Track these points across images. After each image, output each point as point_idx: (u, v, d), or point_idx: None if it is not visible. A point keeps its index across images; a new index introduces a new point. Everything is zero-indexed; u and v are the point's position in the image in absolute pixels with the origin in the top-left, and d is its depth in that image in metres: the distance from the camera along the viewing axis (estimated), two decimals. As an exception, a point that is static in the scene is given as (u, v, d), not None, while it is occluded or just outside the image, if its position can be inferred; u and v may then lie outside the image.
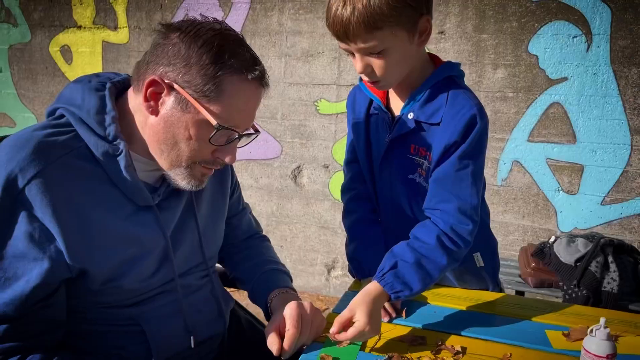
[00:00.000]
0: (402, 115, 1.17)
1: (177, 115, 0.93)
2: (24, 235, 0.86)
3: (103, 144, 0.92)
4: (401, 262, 1.07)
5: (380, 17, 1.00)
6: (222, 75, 0.90)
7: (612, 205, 2.45)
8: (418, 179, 1.21)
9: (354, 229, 1.32)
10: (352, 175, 1.36)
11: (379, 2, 0.99)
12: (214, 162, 1.00)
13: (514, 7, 2.46)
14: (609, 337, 0.88)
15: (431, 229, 1.11)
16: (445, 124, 1.12)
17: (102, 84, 0.98)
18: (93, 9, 3.31)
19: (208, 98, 0.91)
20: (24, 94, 3.63)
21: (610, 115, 2.39)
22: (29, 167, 0.85)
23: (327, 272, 3.10)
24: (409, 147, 1.19)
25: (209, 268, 1.16)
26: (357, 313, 1.00)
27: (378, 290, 1.04)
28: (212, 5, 3.01)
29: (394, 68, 1.09)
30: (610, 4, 2.32)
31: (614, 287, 2.04)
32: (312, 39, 2.86)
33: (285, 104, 2.98)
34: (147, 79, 0.91)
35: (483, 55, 2.54)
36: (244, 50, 0.94)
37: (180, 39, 0.91)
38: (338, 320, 1.00)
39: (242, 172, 3.15)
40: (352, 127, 1.32)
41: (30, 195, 0.85)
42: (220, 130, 0.93)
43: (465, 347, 1.03)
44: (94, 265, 0.92)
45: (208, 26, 0.92)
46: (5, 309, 0.86)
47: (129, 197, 0.96)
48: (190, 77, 0.90)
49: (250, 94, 0.96)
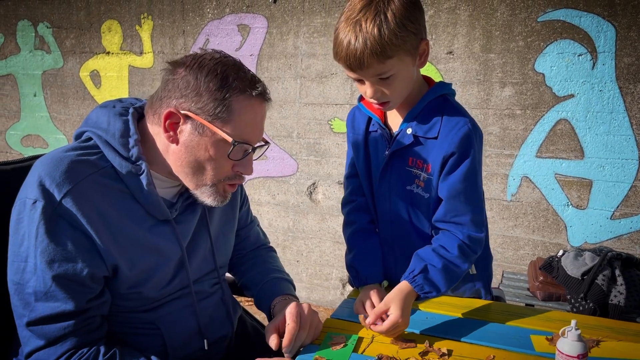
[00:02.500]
0: (401, 131, 1.27)
1: (196, 140, 1.04)
2: (70, 241, 0.97)
3: (127, 164, 1.04)
4: (430, 267, 1.21)
5: (390, 46, 1.11)
6: (229, 97, 1.02)
7: (621, 219, 2.48)
8: (416, 189, 1.30)
9: (353, 239, 1.41)
10: (352, 189, 1.45)
11: (388, 33, 1.10)
12: (236, 177, 1.11)
13: (520, 27, 2.53)
14: (579, 338, 0.94)
15: (453, 239, 1.25)
16: (442, 137, 1.23)
17: (125, 109, 1.11)
18: (120, 36, 3.51)
19: (221, 119, 1.02)
20: (56, 117, 3.84)
21: (617, 131, 2.42)
22: (64, 183, 0.97)
23: (342, 286, 3.17)
24: (407, 160, 1.29)
25: (220, 276, 1.26)
26: (392, 307, 1.13)
27: (409, 289, 1.18)
28: (231, 31, 3.16)
29: (401, 89, 1.21)
30: (614, 23, 2.37)
31: (621, 300, 2.07)
32: (326, 61, 2.98)
33: (300, 123, 3.10)
34: (164, 112, 1.03)
35: (491, 74, 2.62)
36: (244, 72, 1.06)
37: (187, 72, 1.02)
38: (374, 312, 1.14)
39: (259, 189, 3.26)
40: (352, 144, 1.42)
41: (68, 206, 0.96)
42: (237, 145, 1.04)
43: (452, 350, 1.10)
44: (123, 268, 1.03)
45: (209, 57, 1.04)
46: (64, 306, 0.97)
47: (150, 211, 1.07)
48: (202, 104, 1.02)
49: (257, 109, 1.07)
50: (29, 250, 0.97)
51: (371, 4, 1.12)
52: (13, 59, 3.90)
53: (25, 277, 0.97)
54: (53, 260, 0.96)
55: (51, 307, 0.97)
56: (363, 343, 1.13)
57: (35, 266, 0.96)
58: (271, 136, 3.17)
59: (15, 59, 3.90)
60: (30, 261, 0.97)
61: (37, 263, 0.96)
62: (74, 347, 0.99)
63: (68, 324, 0.98)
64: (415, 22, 1.14)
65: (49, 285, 0.96)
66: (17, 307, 0.99)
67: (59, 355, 0.97)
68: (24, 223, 0.98)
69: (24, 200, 0.98)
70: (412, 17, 1.13)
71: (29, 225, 0.97)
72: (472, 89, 2.65)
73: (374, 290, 1.26)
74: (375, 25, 1.10)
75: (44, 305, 0.97)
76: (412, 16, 1.13)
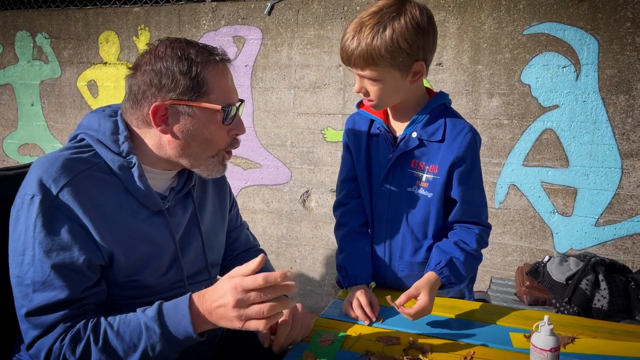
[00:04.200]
0: (406, 134, 1.36)
1: (190, 122, 1.12)
2: (67, 232, 1.03)
3: (119, 159, 1.10)
4: (455, 259, 1.34)
5: (378, 56, 1.22)
6: (200, 71, 1.10)
7: (605, 226, 2.54)
8: (417, 190, 1.39)
9: (344, 240, 1.47)
10: (347, 192, 1.51)
11: (379, 45, 1.21)
12: (234, 142, 1.20)
13: (507, 39, 2.62)
14: (552, 332, 1.00)
15: (471, 233, 1.39)
16: (449, 141, 1.34)
17: (114, 111, 1.18)
18: (118, 47, 3.57)
19: (202, 94, 1.11)
20: (53, 126, 3.89)
21: (601, 140, 2.50)
22: (60, 178, 1.03)
23: (335, 292, 3.21)
24: (410, 162, 1.38)
25: (212, 277, 1.31)
26: (422, 293, 1.24)
27: (435, 279, 1.30)
28: (226, 42, 3.23)
29: (385, 95, 1.31)
30: (596, 36, 2.46)
31: (604, 304, 2.12)
32: (319, 72, 3.05)
33: (294, 132, 3.16)
34: (149, 110, 1.10)
35: (479, 85, 2.69)
36: (199, 45, 1.14)
37: (151, 67, 1.10)
38: (406, 294, 1.23)
39: (253, 197, 3.32)
40: (352, 147, 1.48)
41: (64, 199, 1.02)
42: (226, 109, 1.12)
43: (434, 345, 1.15)
44: (119, 256, 1.08)
45: (162, 47, 1.12)
46: (60, 295, 1.02)
47: (143, 203, 1.13)
48: (181, 88, 1.09)
49: (225, 71, 1.16)
50: (26, 243, 1.02)
51: (381, 13, 1.22)
52: (11, 69, 3.96)
53: (23, 269, 1.03)
54: (50, 250, 1.01)
55: (48, 296, 1.01)
56: (350, 340, 1.18)
57: (33, 257, 1.02)
58: (265, 145, 3.23)
59: (13, 69, 3.95)
60: (28, 253, 1.02)
61: (35, 254, 1.01)
62: (66, 330, 1.03)
63: (63, 313, 1.02)
64: (413, 44, 1.23)
65: (47, 274, 1.01)
66: (18, 299, 1.04)
67: (53, 341, 1.02)
68: (22, 218, 1.03)
69: (22, 197, 1.04)
70: (410, 38, 1.22)
71: (26, 219, 1.02)
72: (460, 100, 2.72)
73: (361, 291, 1.32)
74: (371, 33, 1.21)
75: (41, 295, 1.01)
76: (411, 38, 1.22)
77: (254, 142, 3.25)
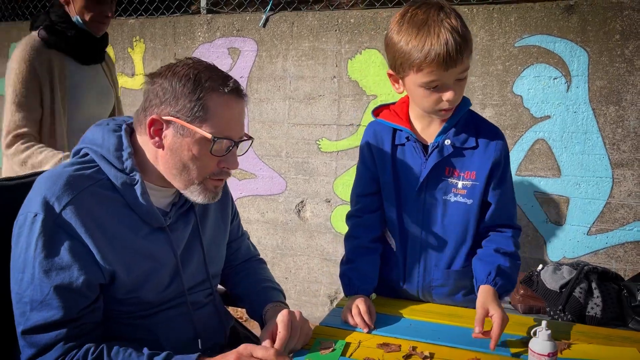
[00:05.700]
0: (438, 143, 1.36)
1: (179, 141, 1.11)
2: (67, 251, 1.03)
3: (122, 176, 1.11)
4: (503, 267, 1.34)
5: (470, 39, 1.25)
6: (203, 96, 1.09)
7: (597, 235, 2.58)
8: (454, 198, 1.38)
9: (353, 252, 1.47)
10: (363, 206, 1.48)
11: (463, 28, 1.22)
12: (222, 173, 1.17)
13: (499, 51, 2.66)
14: (549, 337, 1.02)
15: (507, 238, 1.40)
16: (484, 146, 1.36)
17: (118, 126, 1.19)
18: (113, 58, 3.58)
19: (199, 119, 1.10)
20: (47, 137, 3.88)
21: (592, 150, 2.54)
22: (63, 195, 1.04)
23: (330, 302, 3.22)
24: (444, 170, 1.38)
25: (213, 287, 1.32)
26: (491, 309, 1.22)
27: (493, 290, 1.29)
28: (221, 54, 3.26)
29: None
30: (586, 48, 2.51)
31: (598, 312, 2.15)
32: (313, 83, 3.08)
33: (289, 142, 3.18)
34: (147, 120, 1.11)
35: (472, 96, 2.73)
36: (217, 72, 1.14)
37: (163, 80, 1.11)
38: (478, 320, 1.20)
39: (249, 207, 3.33)
40: (377, 159, 1.43)
41: (67, 217, 1.03)
42: (217, 140, 1.10)
43: (434, 353, 1.17)
44: (120, 274, 1.09)
45: (182, 64, 1.13)
46: (56, 315, 1.02)
47: (145, 219, 1.14)
48: (180, 107, 1.09)
49: (232, 104, 1.13)
50: (27, 262, 1.03)
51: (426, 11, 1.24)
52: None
53: (22, 286, 1.03)
54: (50, 270, 1.02)
55: (45, 316, 1.02)
56: (350, 347, 1.19)
57: (32, 276, 1.02)
58: (260, 155, 3.25)
59: (7, 80, 3.94)
60: (28, 271, 1.03)
61: (35, 273, 1.02)
62: (64, 352, 1.03)
63: (59, 332, 1.03)
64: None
65: (46, 294, 1.02)
66: (16, 315, 1.05)
67: None
68: (24, 236, 1.04)
69: (25, 214, 1.05)
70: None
71: (28, 237, 1.03)
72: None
73: (361, 299, 1.33)
74: (455, 19, 1.22)
75: (38, 314, 1.02)
76: None
77: (249, 152, 3.26)
